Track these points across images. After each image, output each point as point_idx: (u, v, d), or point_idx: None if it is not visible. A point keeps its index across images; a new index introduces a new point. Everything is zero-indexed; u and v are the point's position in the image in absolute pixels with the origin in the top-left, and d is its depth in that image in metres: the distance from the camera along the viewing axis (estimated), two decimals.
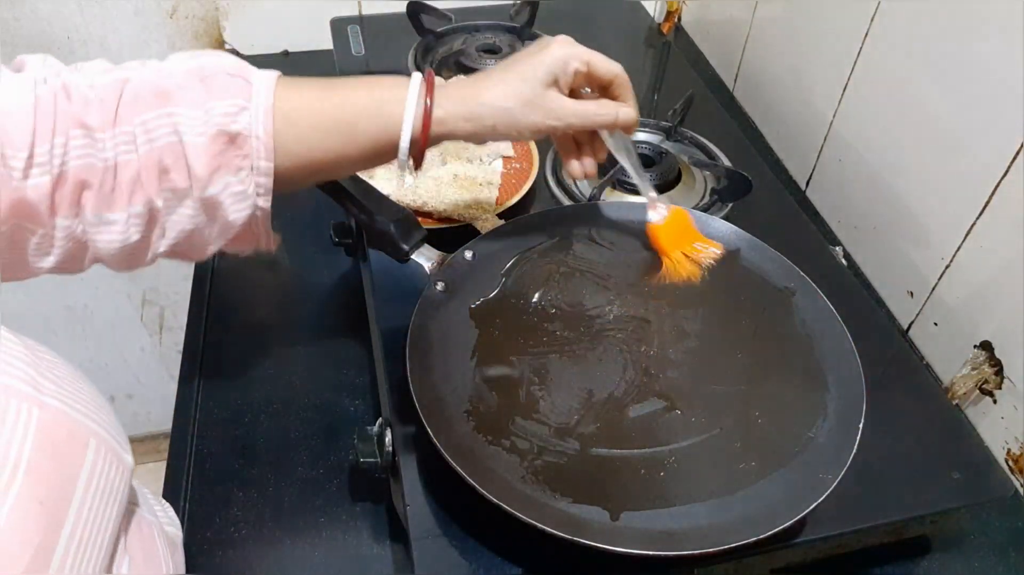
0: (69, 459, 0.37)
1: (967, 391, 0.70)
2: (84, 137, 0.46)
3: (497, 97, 0.52)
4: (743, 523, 0.49)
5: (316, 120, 0.50)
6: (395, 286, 0.67)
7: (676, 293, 0.65)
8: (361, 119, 0.51)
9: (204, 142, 0.47)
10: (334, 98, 0.51)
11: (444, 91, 0.52)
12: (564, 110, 0.53)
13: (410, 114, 0.50)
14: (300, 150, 0.50)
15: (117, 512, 0.41)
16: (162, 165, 0.47)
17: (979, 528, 0.64)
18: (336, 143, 0.51)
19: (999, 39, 0.63)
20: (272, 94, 0.49)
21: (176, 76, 0.48)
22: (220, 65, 0.50)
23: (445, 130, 0.52)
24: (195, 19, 1.13)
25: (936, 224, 0.73)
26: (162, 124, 0.47)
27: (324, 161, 0.51)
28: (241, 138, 0.48)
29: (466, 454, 0.51)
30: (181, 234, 0.51)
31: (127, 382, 1.57)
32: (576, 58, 0.54)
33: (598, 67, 0.55)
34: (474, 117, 0.52)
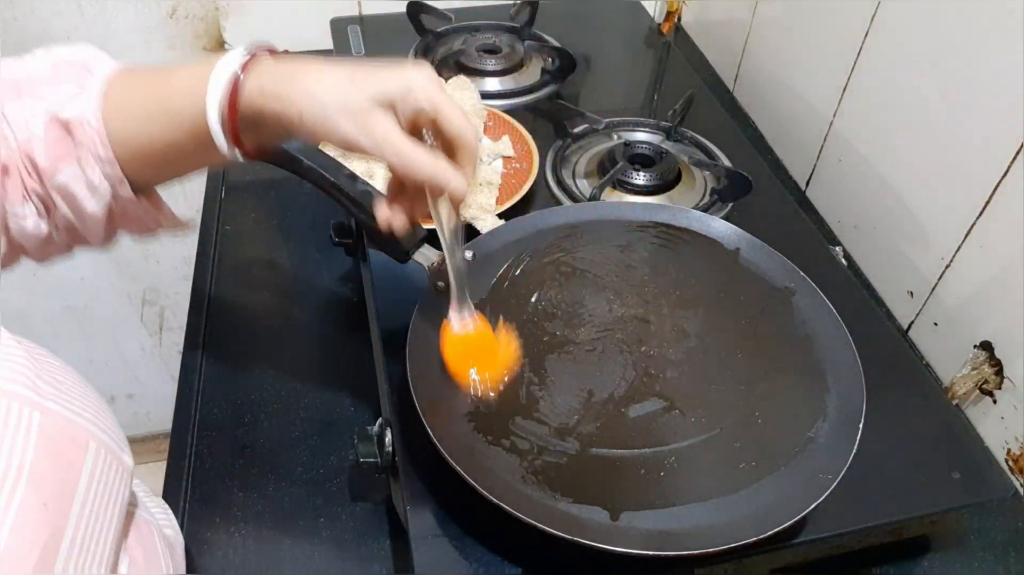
0: (70, 462, 0.37)
1: (967, 391, 0.70)
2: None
3: (316, 86, 0.45)
4: (743, 523, 0.49)
5: (142, 104, 0.48)
6: (395, 286, 0.67)
7: (676, 293, 0.65)
8: (178, 98, 0.47)
9: (43, 132, 0.46)
10: (161, 81, 0.48)
11: (267, 65, 0.46)
12: (384, 137, 0.45)
13: (216, 86, 0.45)
14: (131, 137, 0.48)
15: (118, 514, 0.41)
16: (30, 158, 0.47)
17: (979, 528, 0.64)
18: (160, 129, 0.47)
19: (999, 39, 0.63)
20: (106, 81, 0.48)
21: (30, 70, 0.48)
22: (70, 54, 0.49)
23: (253, 105, 0.45)
24: (195, 19, 1.13)
25: (936, 224, 0.73)
26: (18, 118, 0.46)
27: (155, 149, 0.48)
28: (73, 125, 0.46)
29: (466, 454, 0.51)
30: (66, 222, 0.50)
31: (127, 382, 1.57)
32: (424, 95, 0.45)
33: (447, 119, 0.46)
34: (284, 97, 0.45)
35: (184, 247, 1.37)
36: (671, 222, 0.71)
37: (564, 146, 0.85)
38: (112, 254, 1.36)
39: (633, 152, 0.82)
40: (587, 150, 0.85)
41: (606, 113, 0.89)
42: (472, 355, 0.57)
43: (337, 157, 0.70)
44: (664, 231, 0.70)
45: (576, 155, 0.85)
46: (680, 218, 0.71)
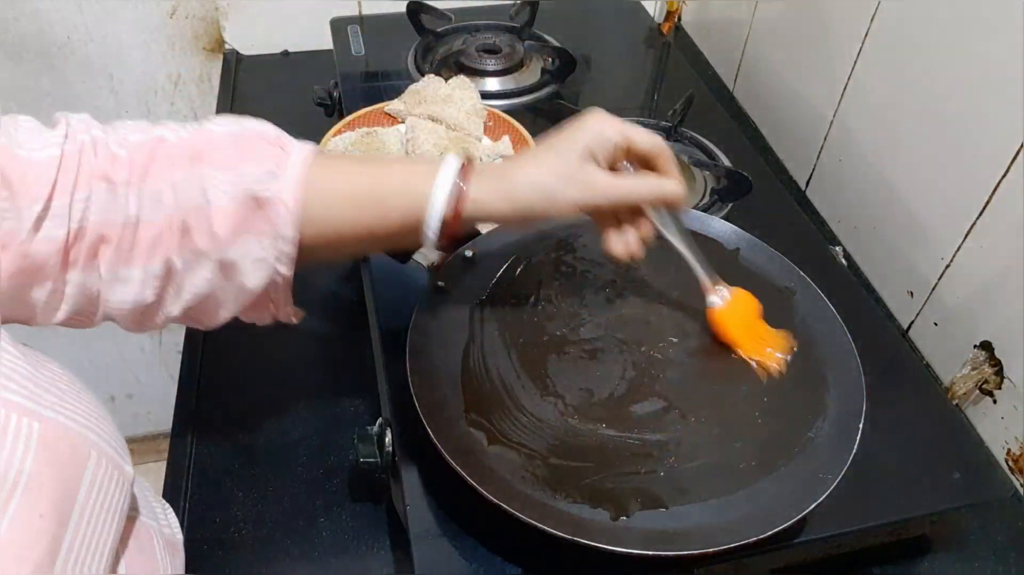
0: (70, 472, 0.37)
1: (967, 391, 0.70)
2: (107, 192, 0.44)
3: (533, 175, 0.49)
4: (743, 523, 0.49)
5: (347, 192, 0.49)
6: (395, 286, 0.67)
7: (676, 293, 0.65)
8: (392, 195, 0.49)
9: (230, 204, 0.46)
10: (368, 172, 0.50)
11: (479, 172, 0.50)
12: (603, 184, 0.50)
13: (442, 190, 0.48)
14: (327, 222, 0.49)
15: (117, 523, 0.41)
16: (185, 224, 0.46)
17: (979, 528, 0.64)
18: (365, 217, 0.49)
19: (999, 39, 0.63)
20: (306, 165, 0.48)
21: (213, 139, 0.48)
22: (259, 131, 0.49)
23: (480, 209, 0.49)
24: (195, 19, 1.13)
25: (936, 224, 0.73)
26: (192, 184, 0.46)
27: (351, 236, 0.50)
28: (269, 204, 0.47)
29: (466, 454, 0.51)
30: (196, 297, 0.49)
31: (127, 382, 1.57)
32: (613, 130, 0.51)
33: (636, 140, 0.52)
34: (510, 196, 0.49)
35: None
36: None
37: None
38: None
39: None
40: None
41: None
42: (746, 321, 0.60)
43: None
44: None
45: None
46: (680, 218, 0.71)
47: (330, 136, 0.81)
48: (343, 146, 0.79)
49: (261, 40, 1.17)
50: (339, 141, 0.80)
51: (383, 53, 1.00)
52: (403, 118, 0.84)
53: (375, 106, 0.86)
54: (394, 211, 0.49)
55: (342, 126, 0.83)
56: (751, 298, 0.60)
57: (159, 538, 0.51)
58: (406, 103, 0.84)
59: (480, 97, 0.86)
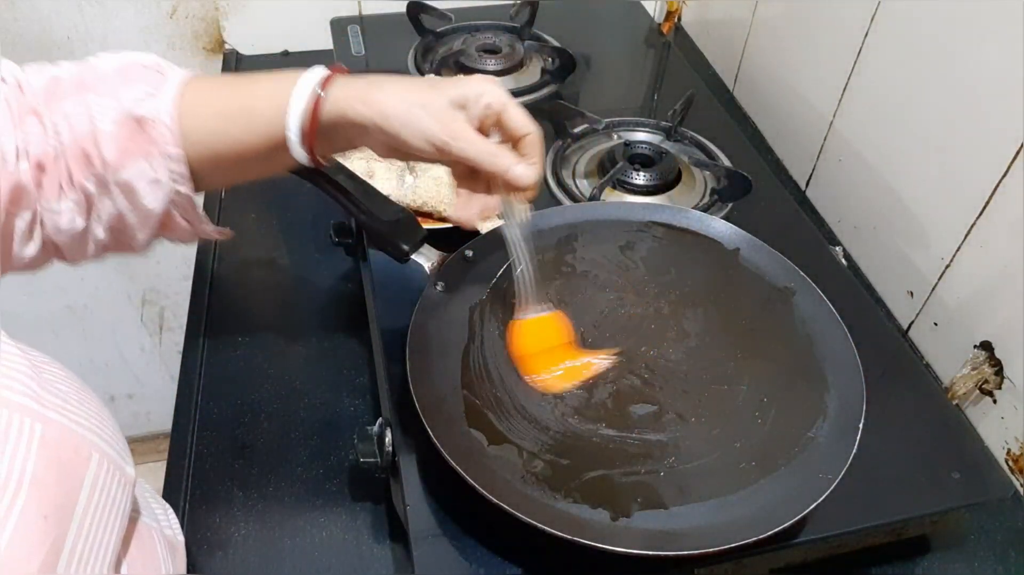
0: (72, 473, 0.37)
1: (967, 391, 0.70)
2: (38, 124, 0.48)
3: (400, 90, 0.50)
4: (743, 523, 0.49)
5: (219, 107, 0.51)
6: (395, 286, 0.67)
7: (676, 293, 0.65)
8: (258, 102, 0.51)
9: (114, 127, 0.48)
10: (238, 87, 0.52)
11: (346, 79, 0.51)
12: (460, 131, 0.50)
13: (301, 94, 0.49)
14: (204, 137, 0.50)
15: (119, 524, 0.41)
16: (85, 152, 0.48)
17: (979, 528, 0.64)
18: (235, 130, 0.51)
19: (999, 39, 0.63)
20: (181, 84, 0.50)
21: (98, 70, 0.50)
22: (138, 59, 0.52)
23: (337, 109, 0.49)
24: (195, 19, 1.13)
25: (936, 224, 0.73)
26: (80, 111, 0.48)
27: (228, 151, 0.51)
28: (147, 122, 0.49)
29: (466, 454, 0.51)
30: (111, 219, 0.52)
31: (127, 382, 1.57)
32: (492, 96, 0.51)
33: (512, 115, 0.52)
34: (371, 101, 0.49)
35: (184, 247, 1.37)
36: (671, 222, 0.71)
37: (564, 146, 0.85)
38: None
39: (633, 152, 0.82)
40: (587, 150, 0.85)
41: (606, 113, 0.89)
42: (548, 345, 0.59)
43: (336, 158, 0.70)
44: (664, 231, 0.70)
45: (576, 155, 0.85)
46: (680, 218, 0.71)
47: None
48: None
49: (261, 40, 1.17)
50: None
51: (383, 53, 1.00)
52: None
53: None
54: (260, 121, 0.50)
55: None
56: (562, 323, 0.60)
57: (160, 539, 0.51)
58: None
59: None
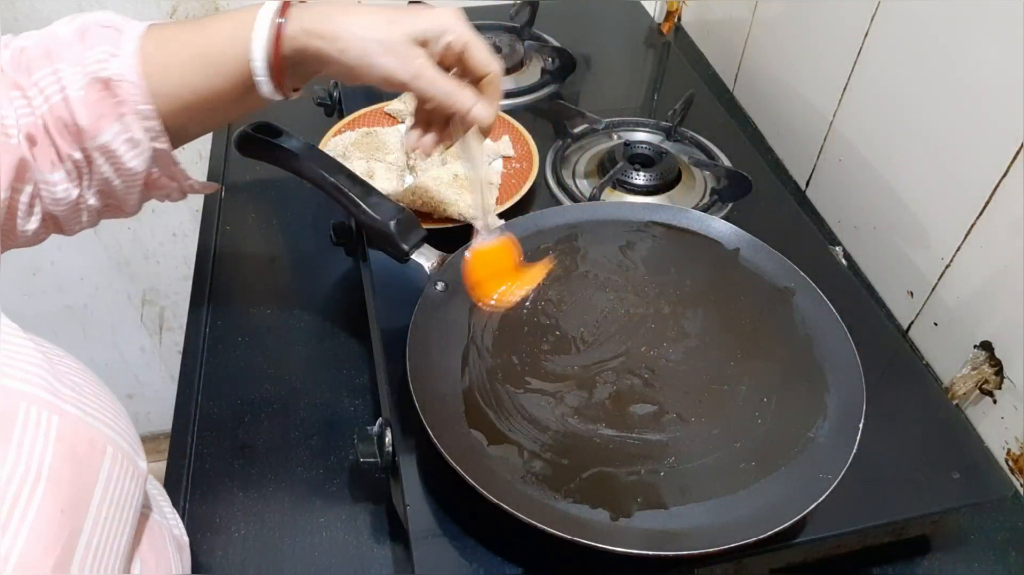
0: (88, 467, 0.37)
1: (967, 391, 0.70)
2: (22, 97, 0.48)
3: (357, 24, 0.48)
4: (743, 523, 0.49)
5: (180, 56, 0.50)
6: (395, 286, 0.67)
7: (676, 293, 0.65)
8: (219, 46, 0.50)
9: (82, 94, 0.48)
10: (197, 32, 0.51)
11: (303, 8, 0.50)
12: (421, 69, 0.49)
13: (261, 31, 0.48)
14: (171, 89, 0.50)
15: (132, 518, 0.41)
16: (62, 121, 0.48)
17: (979, 528, 0.64)
18: (202, 77, 0.50)
19: (999, 39, 0.63)
20: (140, 38, 0.50)
21: (60, 36, 0.50)
22: (96, 19, 0.51)
23: (296, 45, 0.49)
24: None
25: (936, 224, 0.73)
26: (51, 82, 0.48)
27: (197, 99, 0.51)
28: (113, 83, 0.48)
29: (466, 454, 0.51)
30: (99, 184, 0.52)
31: (127, 382, 1.57)
32: (455, 33, 0.50)
33: (474, 54, 0.51)
34: (328, 35, 0.48)
35: (184, 247, 1.37)
36: (671, 222, 0.71)
37: (564, 146, 0.85)
38: (112, 254, 1.36)
39: (633, 152, 0.82)
40: (587, 150, 0.85)
41: (606, 113, 0.89)
42: (497, 269, 0.60)
43: (337, 158, 0.70)
44: (664, 231, 0.70)
45: (576, 155, 0.85)
46: (680, 218, 0.71)
47: (330, 136, 0.81)
48: (343, 146, 0.79)
49: None
50: (339, 141, 0.80)
51: None
52: (403, 118, 0.84)
53: (375, 106, 0.86)
54: (224, 64, 0.50)
55: (342, 126, 0.83)
56: (510, 248, 0.61)
57: (170, 537, 0.51)
58: (406, 103, 0.84)
59: None
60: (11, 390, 0.35)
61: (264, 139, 0.66)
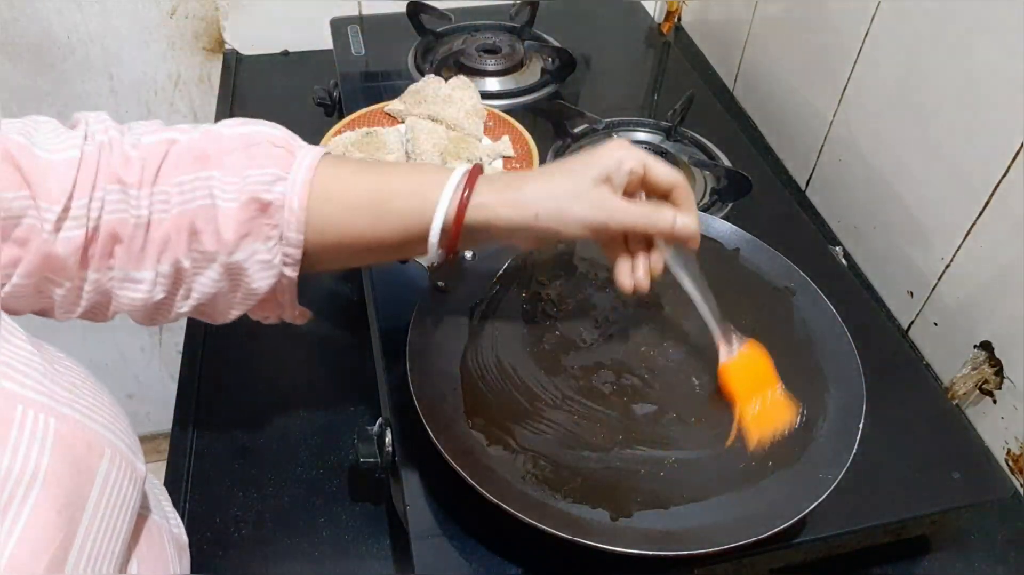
0: (84, 468, 0.37)
1: (967, 391, 0.70)
2: (120, 192, 0.45)
3: (542, 186, 0.49)
4: (743, 523, 0.49)
5: (353, 198, 0.49)
6: (395, 286, 0.67)
7: (676, 293, 0.65)
8: (396, 199, 0.49)
9: (235, 208, 0.46)
10: (373, 177, 0.50)
11: (488, 179, 0.50)
12: (614, 207, 0.49)
13: (447, 196, 0.48)
14: (331, 227, 0.49)
15: (129, 519, 0.41)
16: (193, 227, 0.47)
17: (979, 528, 0.64)
18: (368, 222, 0.49)
19: (999, 39, 0.63)
20: (312, 169, 0.48)
21: (222, 141, 0.48)
22: (267, 135, 0.49)
23: (484, 216, 0.48)
24: (195, 19, 1.13)
25: (936, 224, 0.73)
26: (199, 186, 0.47)
27: (355, 242, 0.50)
28: (273, 207, 0.47)
29: (466, 454, 0.51)
30: (204, 296, 0.50)
31: (127, 382, 1.57)
32: (632, 159, 0.50)
33: (656, 171, 0.50)
34: (516, 204, 0.48)
35: None
36: None
37: (564, 146, 0.85)
38: None
39: None
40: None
41: (606, 113, 0.89)
42: (754, 376, 0.57)
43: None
44: None
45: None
46: None
47: (330, 136, 0.81)
48: (343, 146, 0.79)
49: (261, 40, 1.16)
50: (339, 141, 0.80)
51: (383, 53, 1.00)
52: (403, 118, 0.84)
53: (375, 106, 0.86)
54: (398, 217, 0.49)
55: (342, 126, 0.83)
56: (762, 352, 0.58)
57: (169, 537, 0.51)
58: (406, 103, 0.84)
59: (480, 97, 0.86)
60: (9, 392, 0.35)
61: None
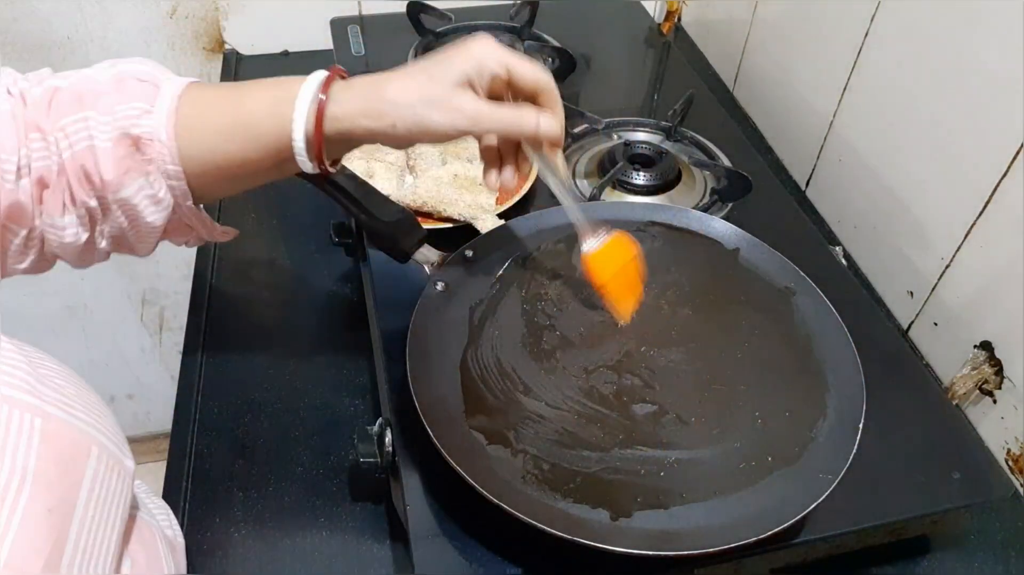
0: (73, 467, 0.37)
1: (967, 391, 0.70)
2: (41, 140, 0.47)
3: (399, 92, 0.47)
4: (743, 523, 0.49)
5: (217, 122, 0.49)
6: (395, 286, 0.67)
7: (676, 293, 0.65)
8: (258, 119, 0.49)
9: (110, 146, 0.47)
10: (236, 100, 0.50)
11: (344, 86, 0.49)
12: (476, 111, 0.48)
13: (302, 110, 0.47)
14: (203, 154, 0.49)
15: (120, 517, 0.41)
16: (84, 169, 0.47)
17: (979, 528, 0.64)
18: (237, 146, 0.49)
19: (999, 39, 0.63)
20: (176, 98, 0.49)
21: (96, 83, 0.49)
22: (134, 71, 0.50)
23: (342, 127, 0.48)
24: (195, 19, 1.13)
25: (936, 224, 0.73)
26: (79, 128, 0.47)
27: (230, 165, 0.50)
28: (143, 142, 0.48)
29: (466, 454, 0.51)
30: (113, 231, 0.52)
31: (127, 382, 1.57)
32: (494, 60, 0.48)
33: (520, 72, 0.49)
34: (374, 113, 0.47)
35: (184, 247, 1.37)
36: (671, 222, 0.71)
37: (564, 146, 0.85)
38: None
39: (633, 152, 0.82)
40: (587, 150, 0.85)
41: (606, 113, 0.89)
42: (614, 264, 0.60)
43: None
44: (664, 231, 0.70)
45: (576, 155, 0.85)
46: (680, 218, 0.71)
47: None
48: None
49: (261, 40, 1.17)
50: None
51: (383, 53, 1.00)
52: None
53: None
54: (262, 135, 0.49)
55: None
56: (626, 240, 0.60)
57: (161, 536, 0.51)
58: None
59: None
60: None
61: None
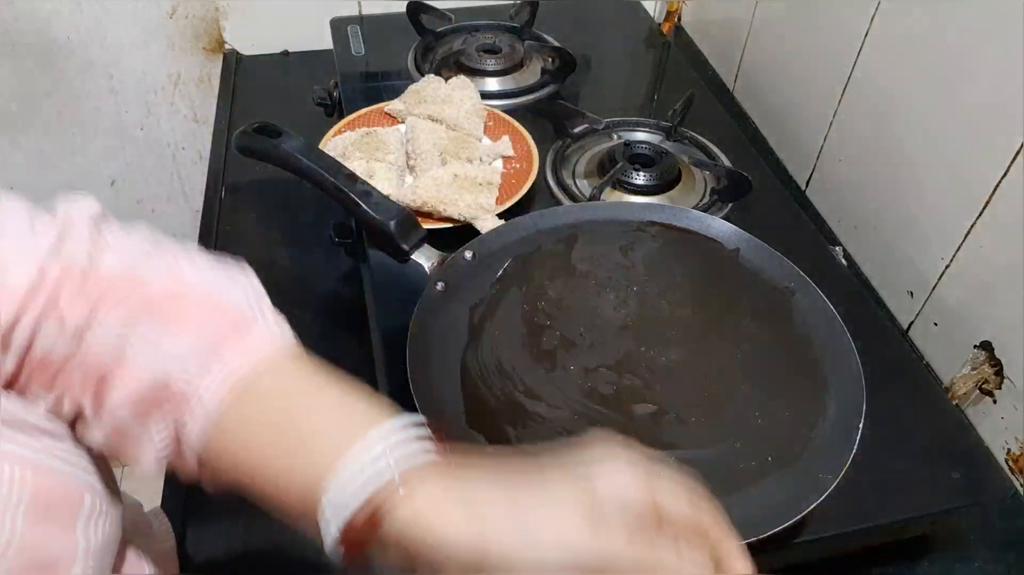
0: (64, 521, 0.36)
1: (967, 391, 0.70)
2: (56, 327, 0.37)
3: (552, 536, 0.33)
4: (743, 523, 0.49)
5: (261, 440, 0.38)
6: (395, 286, 0.67)
7: (676, 293, 0.65)
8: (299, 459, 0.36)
9: (143, 376, 0.37)
10: (296, 412, 0.39)
11: (434, 477, 0.35)
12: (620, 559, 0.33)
13: (355, 491, 0.34)
14: (226, 458, 0.38)
15: (109, 561, 0.40)
16: (100, 374, 0.37)
17: (979, 528, 0.64)
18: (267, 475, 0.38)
19: (999, 40, 0.63)
20: (241, 377, 0.38)
21: (185, 297, 0.40)
22: (231, 301, 0.41)
23: (407, 536, 0.33)
24: (195, 19, 1.13)
25: (936, 224, 0.73)
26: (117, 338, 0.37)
27: (252, 485, 0.38)
28: (178, 398, 0.37)
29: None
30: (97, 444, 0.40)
31: None
32: (633, 488, 0.36)
33: (671, 509, 0.36)
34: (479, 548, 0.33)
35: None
36: (671, 222, 0.71)
37: (564, 146, 0.85)
38: None
39: (633, 152, 0.82)
40: (587, 150, 0.85)
41: (606, 113, 0.89)
42: None
43: (337, 158, 0.70)
44: (664, 231, 0.70)
45: (576, 155, 0.85)
46: (680, 218, 0.71)
47: (330, 136, 0.81)
48: (343, 146, 0.79)
49: (261, 40, 1.17)
50: (339, 141, 0.80)
51: (383, 53, 1.00)
52: (403, 118, 0.84)
53: (375, 106, 0.86)
54: (293, 475, 0.36)
55: (342, 126, 0.83)
56: None
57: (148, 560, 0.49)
58: (406, 103, 0.84)
59: (480, 97, 0.86)
60: None
61: (264, 139, 0.66)
